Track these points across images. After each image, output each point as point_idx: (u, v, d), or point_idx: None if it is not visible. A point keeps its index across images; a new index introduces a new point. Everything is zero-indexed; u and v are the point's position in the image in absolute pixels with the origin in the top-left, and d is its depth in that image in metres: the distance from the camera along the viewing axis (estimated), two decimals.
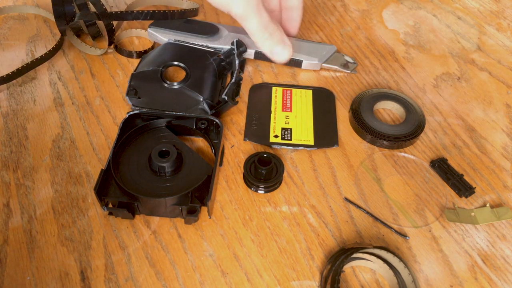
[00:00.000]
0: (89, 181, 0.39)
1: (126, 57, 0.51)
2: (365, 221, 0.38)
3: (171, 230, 0.37)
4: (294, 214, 0.38)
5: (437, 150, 0.43)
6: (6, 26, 0.54)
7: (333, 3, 0.60)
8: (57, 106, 0.45)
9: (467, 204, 0.39)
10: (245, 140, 0.43)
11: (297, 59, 0.50)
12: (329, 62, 0.50)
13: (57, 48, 0.50)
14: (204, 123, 0.42)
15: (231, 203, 0.38)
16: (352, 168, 0.41)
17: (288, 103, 0.46)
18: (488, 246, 0.37)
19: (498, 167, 0.42)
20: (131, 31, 0.53)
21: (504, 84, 0.50)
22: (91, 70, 0.49)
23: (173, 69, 0.48)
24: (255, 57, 0.50)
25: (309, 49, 0.51)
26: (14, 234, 0.36)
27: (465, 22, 0.58)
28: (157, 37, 0.51)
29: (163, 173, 0.38)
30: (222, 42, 0.50)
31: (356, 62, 0.51)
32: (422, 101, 0.48)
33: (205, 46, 0.50)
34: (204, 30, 0.51)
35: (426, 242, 0.37)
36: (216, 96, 0.46)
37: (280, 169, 0.39)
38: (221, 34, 0.51)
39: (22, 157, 0.41)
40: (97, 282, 0.33)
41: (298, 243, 0.36)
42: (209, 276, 0.34)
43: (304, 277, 0.34)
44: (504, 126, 0.46)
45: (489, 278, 0.35)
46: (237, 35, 0.51)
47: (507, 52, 0.54)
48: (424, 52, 0.54)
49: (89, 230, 0.36)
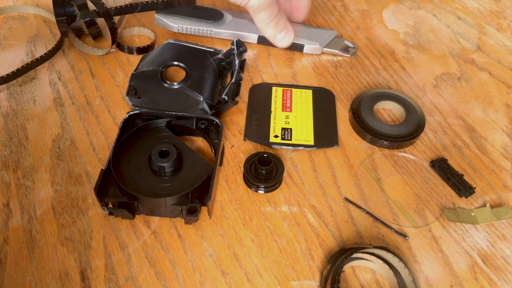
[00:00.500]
0: (89, 181, 0.39)
1: (126, 53, 0.51)
2: (365, 221, 0.38)
3: (171, 230, 0.37)
4: (294, 214, 0.38)
5: (437, 150, 0.43)
6: (6, 26, 0.54)
7: (333, 3, 0.60)
8: (57, 106, 0.45)
9: (467, 204, 0.39)
10: (245, 140, 0.43)
11: (299, 43, 0.52)
12: (330, 47, 0.52)
13: (57, 48, 0.50)
14: (204, 123, 0.42)
15: (231, 203, 0.38)
16: (352, 168, 0.41)
17: (288, 103, 0.46)
18: (488, 246, 0.37)
19: (498, 167, 0.42)
20: (132, 30, 0.53)
21: (504, 84, 0.50)
22: (91, 70, 0.49)
23: (173, 69, 0.48)
24: (258, 42, 0.52)
25: (310, 34, 0.53)
26: (14, 234, 0.36)
27: (465, 22, 0.58)
28: (163, 22, 0.52)
29: (163, 173, 0.38)
30: (227, 27, 0.52)
31: (356, 47, 0.53)
32: (422, 101, 0.48)
33: (210, 30, 0.52)
34: (209, 15, 0.53)
35: (426, 242, 0.37)
36: (216, 96, 0.46)
37: (280, 169, 0.39)
38: (225, 19, 0.53)
39: (22, 157, 0.41)
40: (97, 282, 0.33)
41: (298, 243, 0.36)
42: (209, 276, 0.34)
43: (304, 277, 0.34)
44: (504, 126, 0.46)
45: (489, 278, 0.35)
46: (241, 20, 0.53)
47: (507, 52, 0.54)
48: (424, 52, 0.54)
49: (89, 230, 0.36)
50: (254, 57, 0.52)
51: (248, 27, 0.52)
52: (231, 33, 0.52)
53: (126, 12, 0.49)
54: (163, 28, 0.54)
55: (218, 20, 0.53)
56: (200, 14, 0.53)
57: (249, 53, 0.52)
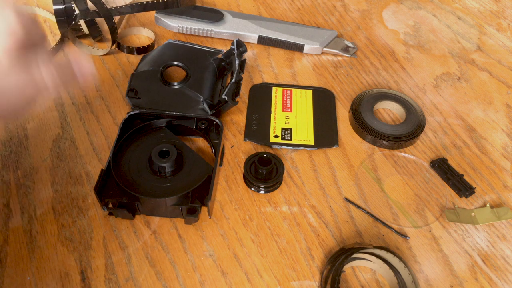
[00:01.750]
0: (89, 181, 0.39)
1: (126, 53, 0.51)
2: (365, 221, 0.38)
3: (171, 230, 0.37)
4: (294, 214, 0.38)
5: (437, 150, 0.43)
6: None
7: (333, 3, 0.60)
8: (57, 106, 0.45)
9: (467, 204, 0.39)
10: (245, 140, 0.43)
11: (299, 43, 0.52)
12: (330, 47, 0.52)
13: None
14: (205, 123, 0.42)
15: (231, 203, 0.38)
16: (352, 168, 0.41)
17: (288, 103, 0.46)
18: (488, 246, 0.37)
19: (498, 167, 0.42)
20: (132, 30, 0.53)
21: (504, 84, 0.50)
22: None
23: (173, 69, 0.48)
24: (258, 42, 0.52)
25: (310, 33, 0.53)
26: (14, 234, 0.36)
27: (465, 22, 0.58)
28: (163, 22, 0.53)
29: (163, 173, 0.37)
30: (227, 27, 0.52)
31: (356, 47, 0.53)
32: (422, 101, 0.48)
33: (210, 30, 0.52)
34: (209, 15, 0.53)
35: (426, 242, 0.37)
36: (216, 96, 0.46)
37: (280, 169, 0.39)
38: (225, 19, 0.53)
39: (22, 157, 0.41)
40: (97, 282, 0.33)
41: (298, 243, 0.36)
42: (209, 276, 0.34)
43: (304, 277, 0.34)
44: (504, 126, 0.46)
45: (489, 278, 0.35)
46: (241, 20, 0.53)
47: (507, 52, 0.54)
48: (424, 52, 0.54)
49: (89, 230, 0.36)
50: (254, 57, 0.52)
51: (248, 27, 0.52)
52: (231, 33, 0.52)
53: (126, 12, 0.49)
54: (163, 28, 0.54)
55: (218, 20, 0.53)
56: (200, 14, 0.53)
57: (249, 53, 0.52)
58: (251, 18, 0.54)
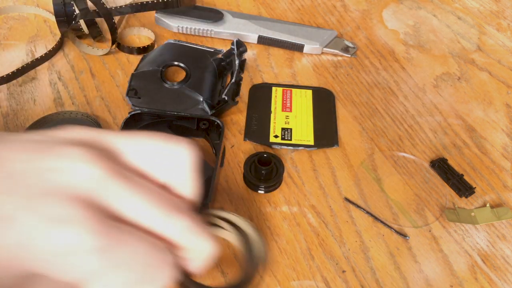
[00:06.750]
0: None
1: (126, 53, 0.51)
2: (365, 221, 0.38)
3: None
4: (294, 214, 0.38)
5: (437, 150, 0.43)
6: (6, 26, 0.54)
7: (333, 3, 0.60)
8: (57, 106, 0.45)
9: (467, 204, 0.39)
10: (245, 140, 0.43)
11: (299, 43, 0.51)
12: (330, 47, 0.52)
13: (57, 48, 0.50)
14: (206, 123, 0.42)
15: (231, 203, 0.38)
16: (352, 168, 0.41)
17: (288, 103, 0.46)
18: (488, 246, 0.37)
19: (498, 167, 0.42)
20: (132, 30, 0.53)
21: (504, 84, 0.50)
22: (91, 70, 0.49)
23: (173, 69, 0.48)
24: (258, 42, 0.52)
25: (310, 34, 0.53)
26: None
27: (465, 22, 0.58)
28: (163, 22, 0.53)
29: None
30: (227, 27, 0.52)
31: (356, 47, 0.53)
32: (422, 101, 0.48)
33: (210, 30, 0.52)
34: (209, 15, 0.53)
35: (426, 242, 0.37)
36: (216, 96, 0.46)
37: (280, 169, 0.39)
38: (225, 19, 0.53)
39: None
40: None
41: (298, 243, 0.36)
42: (209, 276, 0.34)
43: (304, 277, 0.34)
44: (504, 126, 0.46)
45: (489, 278, 0.35)
46: (241, 20, 0.53)
47: (507, 52, 0.54)
48: (424, 52, 0.54)
49: None
50: (254, 57, 0.52)
51: (248, 27, 0.52)
52: (231, 33, 0.52)
53: (126, 12, 0.49)
54: (163, 28, 0.54)
55: (218, 20, 0.53)
56: (200, 14, 0.53)
57: (249, 53, 0.52)
58: (251, 18, 0.54)
